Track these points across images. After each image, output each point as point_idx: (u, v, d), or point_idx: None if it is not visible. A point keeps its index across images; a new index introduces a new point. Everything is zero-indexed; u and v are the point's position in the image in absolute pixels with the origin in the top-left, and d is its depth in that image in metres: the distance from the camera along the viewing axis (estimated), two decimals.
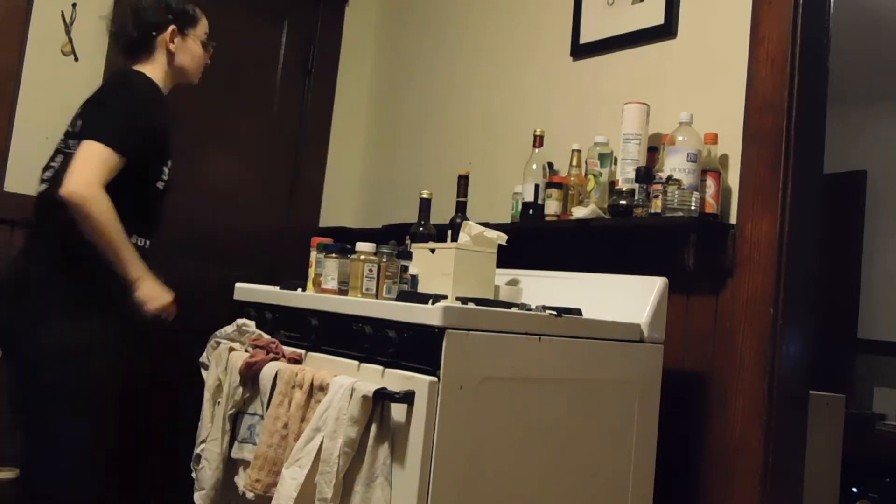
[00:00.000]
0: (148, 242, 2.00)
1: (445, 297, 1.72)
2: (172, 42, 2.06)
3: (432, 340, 1.52)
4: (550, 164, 2.47)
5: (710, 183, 2.07)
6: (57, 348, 1.82)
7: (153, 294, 1.90)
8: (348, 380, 1.58)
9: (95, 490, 1.91)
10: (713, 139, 2.12)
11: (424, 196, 2.31)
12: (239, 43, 3.14)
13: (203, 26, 2.14)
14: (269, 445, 1.69)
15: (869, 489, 4.03)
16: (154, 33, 2.04)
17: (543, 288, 2.05)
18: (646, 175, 2.14)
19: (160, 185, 2.00)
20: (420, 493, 1.47)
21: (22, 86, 2.63)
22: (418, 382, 1.50)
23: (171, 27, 2.05)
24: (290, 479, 1.57)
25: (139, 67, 2.03)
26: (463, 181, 2.44)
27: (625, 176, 2.17)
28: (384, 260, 1.81)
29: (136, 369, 2.85)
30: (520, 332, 1.64)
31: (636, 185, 2.16)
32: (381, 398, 1.53)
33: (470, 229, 2.01)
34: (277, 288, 2.04)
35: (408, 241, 2.16)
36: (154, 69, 2.04)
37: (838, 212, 4.96)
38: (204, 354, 2.04)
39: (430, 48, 3.21)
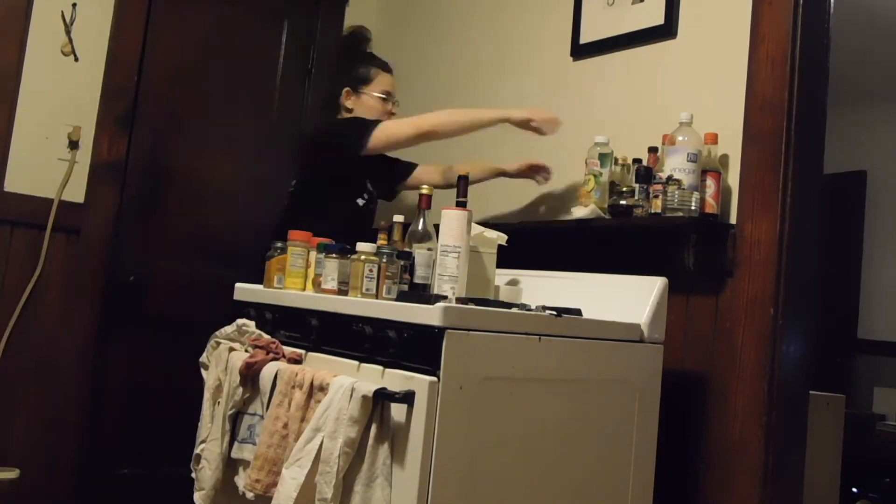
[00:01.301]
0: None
1: (445, 297, 1.72)
2: (349, 99, 2.49)
3: (432, 340, 1.51)
4: None
5: (710, 183, 2.07)
6: None
7: (524, 112, 2.26)
8: (348, 380, 1.58)
9: None
10: (713, 139, 2.12)
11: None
12: (239, 43, 3.14)
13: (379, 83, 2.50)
14: (269, 445, 1.69)
15: (869, 489, 4.03)
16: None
17: (543, 288, 2.05)
18: (646, 175, 2.14)
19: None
20: (420, 493, 1.47)
21: (22, 86, 2.63)
22: (418, 382, 1.50)
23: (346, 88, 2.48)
24: (290, 479, 1.57)
25: None
26: (462, 181, 2.43)
27: None
28: (384, 260, 1.81)
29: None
30: (520, 332, 1.64)
31: (636, 186, 2.16)
32: (381, 398, 1.53)
33: (470, 229, 2.00)
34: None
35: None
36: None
37: (838, 212, 4.96)
38: (204, 354, 2.04)
39: (430, 48, 3.21)
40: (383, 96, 2.51)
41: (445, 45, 3.14)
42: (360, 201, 2.46)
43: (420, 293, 1.80)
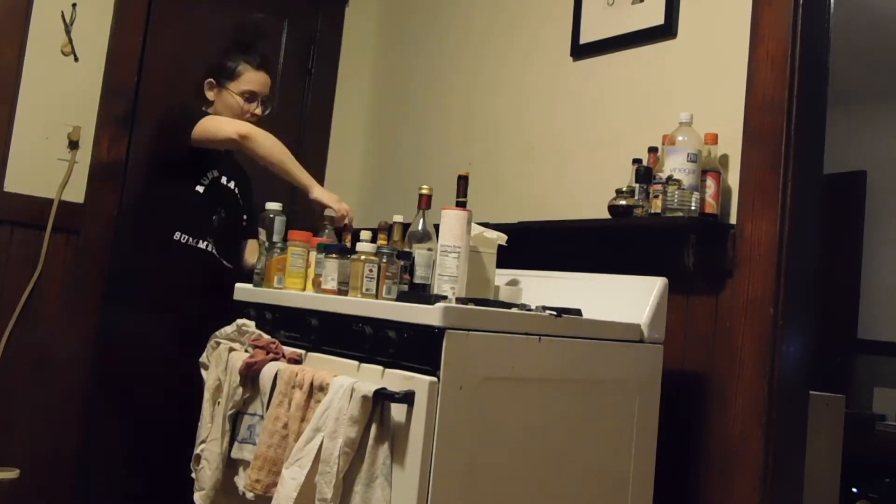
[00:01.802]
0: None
1: (445, 297, 1.72)
2: (210, 91, 2.39)
3: (432, 340, 1.51)
4: None
5: (710, 183, 2.07)
6: None
7: (329, 196, 2.22)
8: (348, 380, 1.58)
9: None
10: (713, 139, 2.12)
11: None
12: None
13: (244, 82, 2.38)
14: (269, 446, 1.69)
15: (869, 489, 4.03)
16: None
17: (543, 288, 2.04)
18: (646, 175, 2.14)
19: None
20: (420, 493, 1.47)
21: (22, 86, 2.63)
22: (418, 383, 1.50)
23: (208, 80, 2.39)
24: (290, 480, 1.57)
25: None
26: (463, 181, 2.42)
27: None
28: (384, 260, 1.81)
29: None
30: (520, 332, 1.64)
31: (636, 186, 2.16)
32: (381, 398, 1.53)
33: (470, 229, 2.00)
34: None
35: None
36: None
37: (838, 212, 4.96)
38: (204, 355, 2.04)
39: (430, 48, 3.21)
40: (246, 96, 2.37)
41: (445, 46, 3.14)
42: (200, 188, 2.31)
43: (420, 293, 1.80)
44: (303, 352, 1.84)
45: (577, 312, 1.83)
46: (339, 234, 2.21)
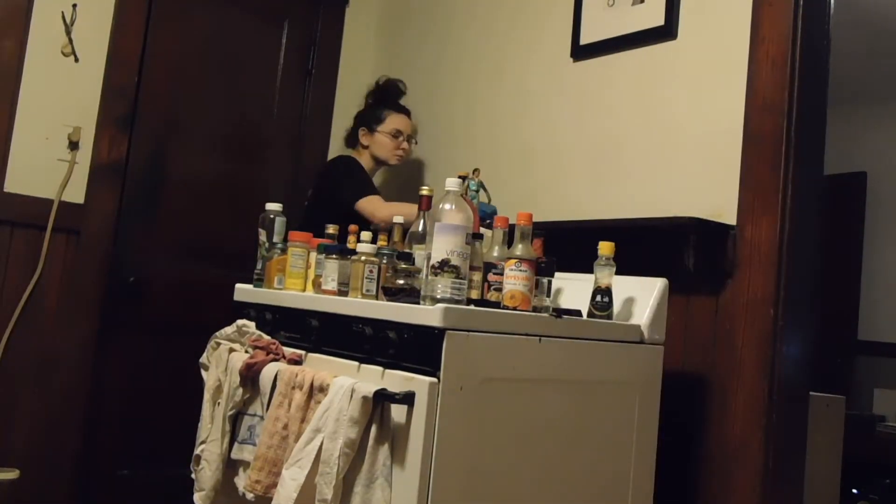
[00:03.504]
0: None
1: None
2: (365, 138, 2.89)
3: (432, 341, 1.52)
4: None
5: None
6: None
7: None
8: (348, 381, 1.58)
9: None
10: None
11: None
12: (239, 44, 3.14)
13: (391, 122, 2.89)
14: (269, 446, 1.69)
15: (869, 490, 4.03)
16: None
17: None
18: None
19: None
20: (420, 493, 1.47)
21: (22, 86, 2.63)
22: (418, 383, 1.50)
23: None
24: (290, 480, 1.57)
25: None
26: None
27: None
28: (384, 261, 1.81)
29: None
30: (520, 333, 1.64)
31: None
32: (382, 399, 1.53)
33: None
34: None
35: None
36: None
37: (838, 213, 4.96)
38: (204, 355, 2.04)
39: (430, 49, 3.21)
40: (393, 133, 2.87)
41: (446, 46, 3.14)
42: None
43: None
44: (303, 352, 1.84)
45: (577, 313, 1.83)
46: None
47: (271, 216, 2.12)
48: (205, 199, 3.03)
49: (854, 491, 3.96)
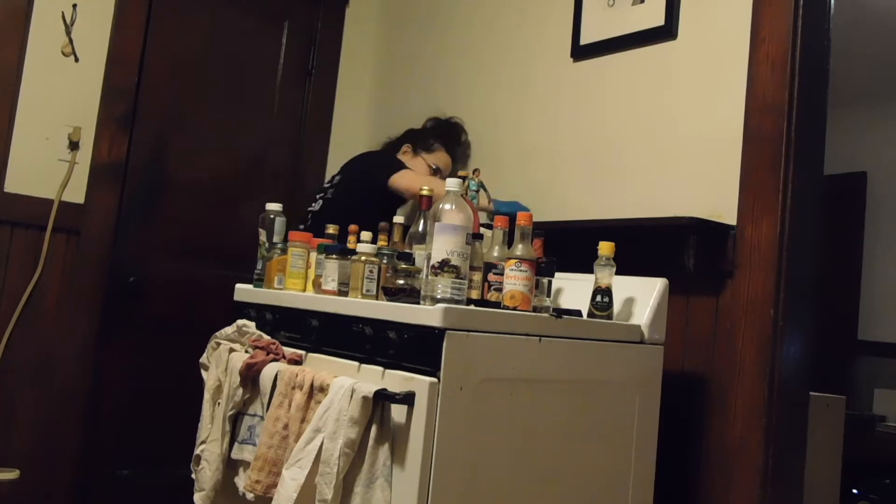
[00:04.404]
0: None
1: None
2: (405, 155, 2.83)
3: (433, 341, 1.51)
4: None
5: None
6: None
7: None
8: (348, 381, 1.58)
9: None
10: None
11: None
12: (239, 44, 3.14)
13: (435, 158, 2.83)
14: (269, 446, 1.69)
15: (869, 491, 4.03)
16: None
17: None
18: None
19: None
20: (420, 494, 1.47)
21: (22, 86, 2.63)
22: (418, 383, 1.50)
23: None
24: (290, 480, 1.57)
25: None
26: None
27: None
28: (384, 261, 1.81)
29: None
30: (520, 333, 1.64)
31: None
32: (382, 399, 1.53)
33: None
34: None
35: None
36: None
37: (839, 213, 4.96)
38: (204, 355, 2.04)
39: (430, 49, 3.21)
40: (433, 167, 2.81)
41: (446, 46, 3.14)
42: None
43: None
44: (303, 352, 1.84)
45: (577, 313, 1.83)
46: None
47: (271, 216, 2.12)
48: (205, 199, 3.03)
49: (854, 491, 3.96)
